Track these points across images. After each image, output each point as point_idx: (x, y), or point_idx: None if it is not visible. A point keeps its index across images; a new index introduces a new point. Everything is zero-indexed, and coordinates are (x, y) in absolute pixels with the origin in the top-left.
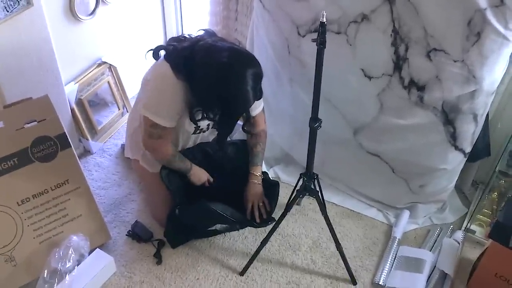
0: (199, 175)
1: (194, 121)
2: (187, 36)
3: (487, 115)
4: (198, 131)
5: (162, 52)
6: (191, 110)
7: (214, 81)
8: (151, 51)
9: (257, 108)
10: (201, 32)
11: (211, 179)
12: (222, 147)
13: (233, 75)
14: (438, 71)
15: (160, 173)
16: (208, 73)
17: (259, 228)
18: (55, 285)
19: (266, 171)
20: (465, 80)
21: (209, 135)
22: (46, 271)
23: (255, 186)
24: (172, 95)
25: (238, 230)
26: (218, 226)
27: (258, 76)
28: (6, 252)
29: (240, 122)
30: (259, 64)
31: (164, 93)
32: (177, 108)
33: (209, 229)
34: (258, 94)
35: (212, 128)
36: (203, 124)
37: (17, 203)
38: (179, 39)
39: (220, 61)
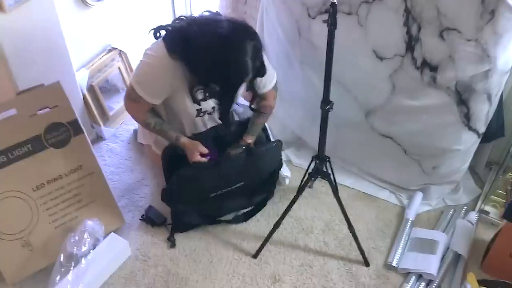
0: (191, 145)
1: (196, 101)
2: (189, 16)
3: (501, 94)
4: (202, 113)
5: (163, 32)
6: (192, 90)
7: (212, 51)
8: (152, 31)
9: (266, 86)
10: (206, 14)
11: (206, 150)
12: (227, 123)
13: (231, 45)
14: (451, 51)
15: (162, 159)
16: (206, 43)
17: (269, 211)
18: (72, 268)
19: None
20: (478, 60)
21: (216, 117)
22: (62, 255)
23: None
24: (160, 74)
25: (243, 221)
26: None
27: (257, 48)
28: (23, 237)
29: (246, 102)
30: (258, 36)
31: (152, 69)
32: (160, 87)
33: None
34: (260, 69)
35: (217, 110)
36: (207, 106)
37: (32, 189)
38: (181, 18)
39: (218, 32)
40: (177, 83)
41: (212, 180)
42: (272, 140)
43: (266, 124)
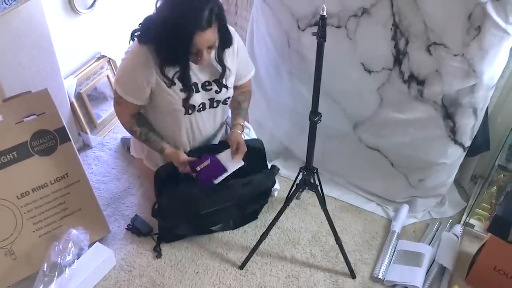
0: (173, 155)
1: (168, 79)
2: None
3: (487, 109)
4: (190, 110)
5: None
6: (163, 71)
7: (168, 10)
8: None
9: (246, 77)
10: None
11: (187, 158)
12: (188, 87)
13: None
14: (438, 65)
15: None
16: (163, 8)
17: (257, 222)
18: (55, 278)
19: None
20: (465, 74)
21: (207, 118)
22: (46, 264)
23: (238, 134)
24: (134, 68)
25: (232, 229)
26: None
27: (217, 5)
28: (6, 246)
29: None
30: (219, 2)
31: (127, 64)
32: (137, 83)
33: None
34: (226, 35)
35: (209, 107)
36: (196, 99)
37: (17, 196)
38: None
39: None
40: (154, 77)
41: (204, 202)
42: (267, 164)
43: (264, 148)
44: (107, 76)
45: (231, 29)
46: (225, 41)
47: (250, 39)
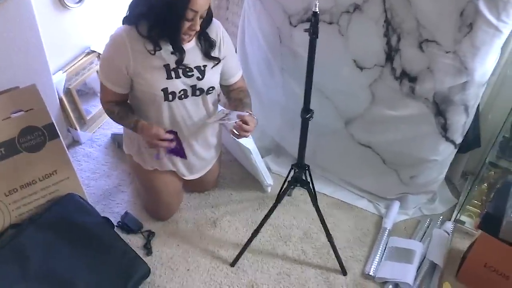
0: (147, 128)
1: (155, 42)
2: None
3: (478, 106)
4: (171, 96)
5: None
6: (150, 34)
7: None
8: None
9: (236, 74)
10: None
11: (163, 134)
12: (179, 50)
13: None
14: (430, 62)
15: None
16: None
17: (248, 219)
18: None
19: None
20: (456, 71)
21: (191, 107)
22: None
23: (253, 117)
24: (115, 52)
25: None
26: None
27: None
28: None
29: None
30: None
31: (108, 49)
32: (116, 69)
33: None
34: (208, 13)
35: (192, 95)
36: (176, 85)
37: (4, 193)
38: None
39: None
40: (130, 61)
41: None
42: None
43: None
44: (97, 71)
45: (215, 20)
46: (209, 15)
47: (241, 35)
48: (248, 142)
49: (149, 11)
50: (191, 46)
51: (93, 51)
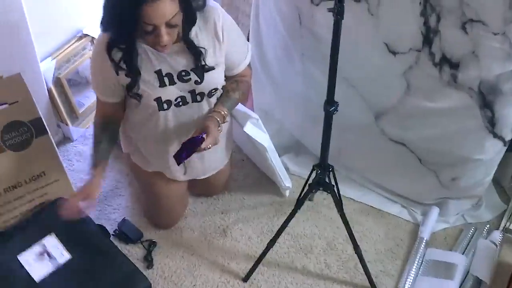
0: (90, 183)
1: (115, 63)
2: None
3: None
4: (165, 105)
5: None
6: (109, 53)
7: None
8: None
9: (241, 64)
10: None
11: (92, 199)
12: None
13: None
14: (474, 46)
15: None
16: None
17: (263, 227)
18: None
19: None
20: (506, 56)
21: (192, 114)
22: None
23: (211, 118)
24: (99, 59)
25: None
26: None
27: None
28: None
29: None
30: None
31: (94, 56)
32: (104, 75)
33: None
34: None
35: (192, 101)
36: (171, 93)
37: None
38: None
39: None
40: (120, 71)
41: None
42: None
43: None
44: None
45: (213, 3)
46: (189, 16)
47: (255, 16)
48: (263, 139)
49: (104, 19)
50: (179, 48)
51: (86, 35)
